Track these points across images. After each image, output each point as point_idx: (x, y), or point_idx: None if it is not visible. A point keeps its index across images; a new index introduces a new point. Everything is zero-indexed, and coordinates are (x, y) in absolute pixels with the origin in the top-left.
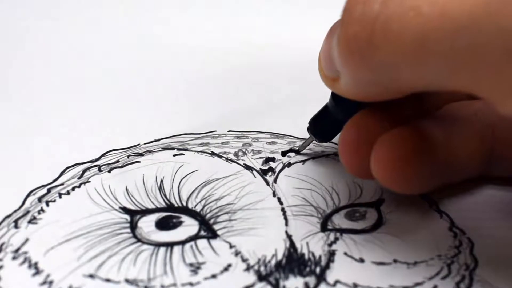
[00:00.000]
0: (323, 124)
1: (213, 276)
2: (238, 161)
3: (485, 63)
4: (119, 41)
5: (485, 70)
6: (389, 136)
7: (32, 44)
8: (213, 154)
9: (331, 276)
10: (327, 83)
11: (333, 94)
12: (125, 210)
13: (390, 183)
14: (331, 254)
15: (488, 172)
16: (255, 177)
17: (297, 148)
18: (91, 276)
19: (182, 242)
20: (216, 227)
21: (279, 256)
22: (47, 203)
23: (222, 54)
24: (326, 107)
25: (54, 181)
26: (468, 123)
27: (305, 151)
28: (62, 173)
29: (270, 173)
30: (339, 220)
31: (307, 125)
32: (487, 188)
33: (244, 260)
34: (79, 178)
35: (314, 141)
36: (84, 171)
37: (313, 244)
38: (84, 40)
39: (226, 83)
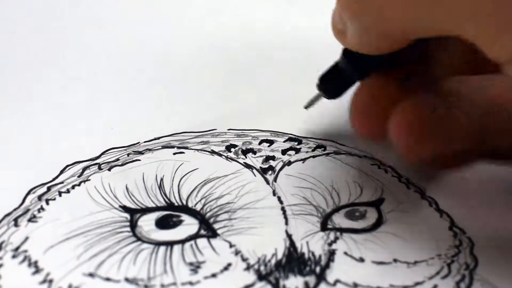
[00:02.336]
0: (332, 81)
1: (213, 275)
2: (238, 160)
3: (472, 7)
4: (119, 40)
5: (472, 15)
6: (411, 102)
7: (32, 44)
8: (213, 152)
9: (331, 276)
10: (338, 37)
11: (343, 51)
12: (125, 208)
13: (406, 146)
14: (331, 254)
15: (482, 148)
16: (255, 175)
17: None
18: (91, 275)
19: (182, 241)
20: (216, 226)
21: (279, 255)
22: (47, 201)
23: (222, 53)
24: (336, 64)
25: (54, 179)
26: (475, 97)
27: (305, 150)
28: (62, 172)
29: (270, 172)
30: (339, 220)
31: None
32: (487, 187)
33: (244, 259)
34: (79, 177)
35: (322, 98)
36: (84, 169)
37: (313, 244)
38: (84, 39)
39: (226, 82)
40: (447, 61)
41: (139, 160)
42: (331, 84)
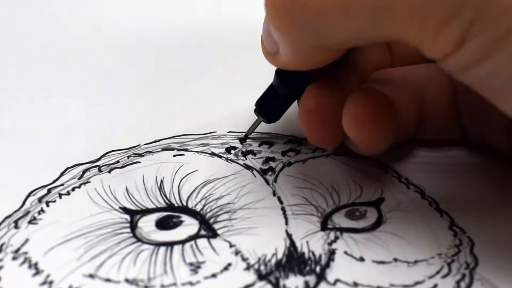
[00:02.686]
0: (270, 104)
1: (213, 276)
2: (238, 161)
3: (408, 8)
4: (119, 41)
5: (410, 16)
6: (359, 95)
7: (32, 44)
8: (213, 154)
9: (331, 275)
10: (269, 58)
11: (277, 72)
12: (125, 210)
13: (362, 139)
14: (331, 253)
15: (421, 134)
16: (255, 176)
17: (244, 134)
18: (91, 276)
19: (182, 242)
20: (216, 226)
21: (279, 255)
22: (47, 203)
23: (222, 54)
24: (271, 87)
25: (54, 181)
26: (400, 87)
27: (305, 151)
28: (62, 174)
29: (270, 173)
30: (339, 219)
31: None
32: (488, 187)
33: (244, 259)
34: (79, 179)
35: (262, 123)
36: (84, 171)
37: (313, 243)
38: (84, 40)
39: (226, 84)
40: (366, 65)
41: (139, 162)
42: (269, 107)
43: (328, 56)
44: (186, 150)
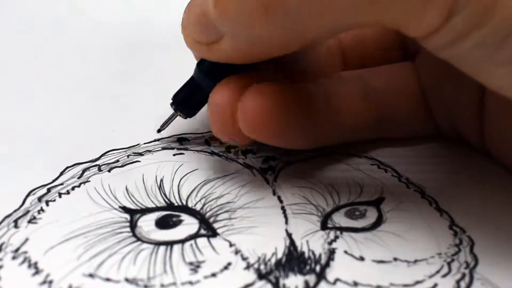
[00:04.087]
0: (188, 98)
1: (213, 275)
2: (238, 160)
3: None
4: (119, 41)
5: None
6: (258, 87)
7: (32, 44)
8: (213, 153)
9: (331, 274)
10: (199, 49)
11: (199, 64)
12: (125, 209)
13: (257, 133)
14: (331, 253)
15: (387, 134)
16: (254, 175)
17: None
18: (91, 275)
19: (182, 241)
20: (216, 225)
21: (279, 254)
22: (47, 202)
23: None
24: (191, 80)
25: (54, 180)
26: (351, 85)
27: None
28: (62, 173)
29: (270, 172)
30: (339, 219)
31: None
32: (488, 186)
33: (244, 258)
34: (79, 178)
35: (179, 117)
36: (84, 170)
37: (313, 243)
38: (84, 39)
39: None
40: (307, 67)
41: (139, 161)
42: (187, 102)
43: (288, 47)
44: (186, 149)
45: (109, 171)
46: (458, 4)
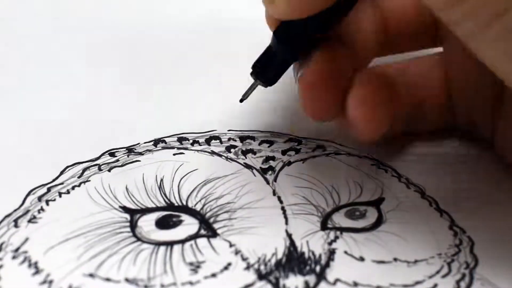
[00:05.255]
0: (267, 67)
1: (213, 275)
2: (238, 160)
3: None
4: (119, 40)
5: None
6: (366, 76)
7: (32, 43)
8: (213, 153)
9: (331, 275)
10: (267, 6)
11: (275, 33)
12: (125, 209)
13: (365, 121)
14: (331, 253)
15: (410, 128)
16: (255, 176)
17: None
18: (91, 275)
19: (182, 241)
20: (216, 226)
21: (279, 254)
22: (47, 202)
23: (223, 53)
24: (269, 48)
25: (54, 180)
26: (397, 79)
27: (305, 150)
28: (62, 172)
29: (270, 172)
30: (339, 219)
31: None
32: (488, 186)
33: (244, 259)
34: (79, 177)
35: (258, 86)
36: (84, 170)
37: (313, 243)
38: (84, 39)
39: (226, 82)
40: (363, 40)
41: (139, 161)
42: (265, 69)
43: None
44: (186, 148)
45: (109, 170)
46: None
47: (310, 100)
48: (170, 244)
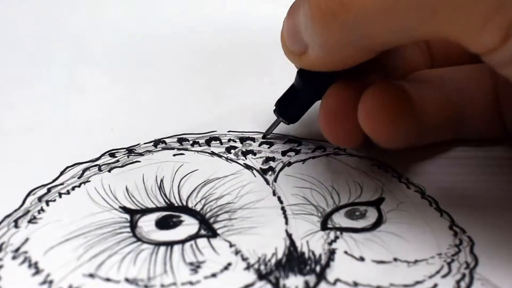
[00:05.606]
0: (290, 105)
1: (213, 275)
2: (238, 161)
3: (452, 5)
4: (119, 41)
5: (455, 12)
6: (376, 89)
7: (32, 43)
8: (213, 153)
9: (331, 275)
10: (293, 59)
11: (299, 73)
12: (125, 209)
13: (377, 134)
14: (331, 253)
15: (460, 135)
16: (255, 176)
17: (264, 133)
18: (91, 275)
19: (182, 241)
20: (216, 226)
21: (279, 254)
22: (47, 202)
23: (223, 54)
24: (293, 87)
25: (54, 180)
26: (434, 87)
27: (305, 151)
28: (62, 173)
29: (270, 172)
30: (339, 219)
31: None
32: (488, 186)
33: (244, 259)
34: (79, 178)
35: (281, 123)
36: (84, 170)
37: (313, 243)
38: (84, 40)
39: (226, 83)
40: (402, 66)
41: (139, 161)
42: (289, 108)
43: (363, 56)
44: (186, 149)
45: (109, 171)
46: None
47: (329, 129)
48: (170, 244)
